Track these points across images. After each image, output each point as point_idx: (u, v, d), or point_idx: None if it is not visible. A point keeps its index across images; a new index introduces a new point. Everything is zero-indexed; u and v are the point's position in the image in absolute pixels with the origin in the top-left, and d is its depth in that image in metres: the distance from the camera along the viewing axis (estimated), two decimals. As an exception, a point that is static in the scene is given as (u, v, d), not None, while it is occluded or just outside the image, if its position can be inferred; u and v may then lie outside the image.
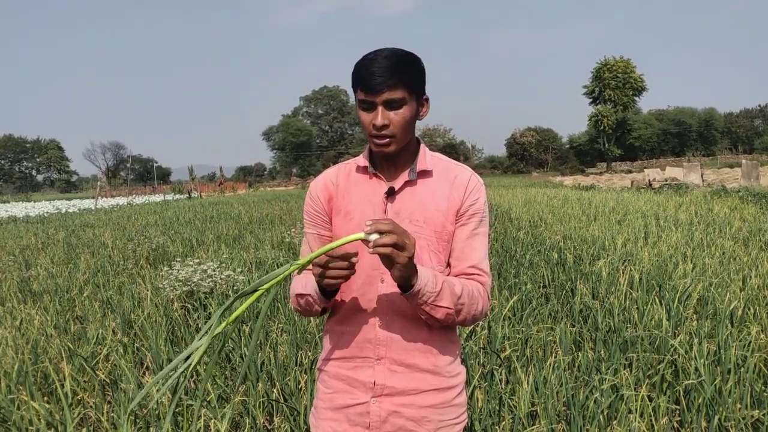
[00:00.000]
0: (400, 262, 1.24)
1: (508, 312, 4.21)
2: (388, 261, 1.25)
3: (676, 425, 2.81)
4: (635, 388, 2.98)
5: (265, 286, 1.28)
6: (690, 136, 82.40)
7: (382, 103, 1.34)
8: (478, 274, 1.43)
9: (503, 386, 3.10)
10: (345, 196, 1.47)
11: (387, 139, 1.37)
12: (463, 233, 1.44)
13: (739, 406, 2.74)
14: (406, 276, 1.27)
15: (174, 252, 8.29)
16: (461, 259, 1.43)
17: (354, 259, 1.28)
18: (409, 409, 1.41)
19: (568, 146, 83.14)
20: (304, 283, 1.42)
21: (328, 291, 1.37)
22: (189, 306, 4.84)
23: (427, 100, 1.44)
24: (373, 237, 1.24)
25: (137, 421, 2.88)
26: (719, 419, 2.67)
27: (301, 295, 1.43)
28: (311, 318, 4.02)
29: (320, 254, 1.27)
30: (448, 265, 1.45)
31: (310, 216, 1.51)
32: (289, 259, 7.35)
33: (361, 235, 1.25)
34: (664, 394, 2.96)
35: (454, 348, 1.48)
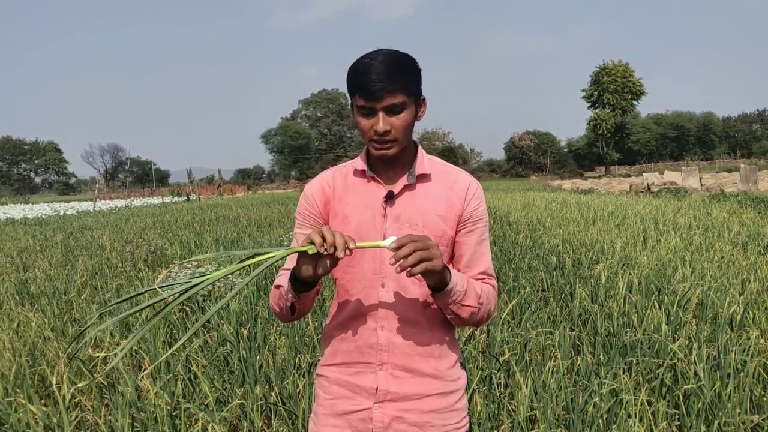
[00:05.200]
0: (437, 269, 1.25)
1: (507, 316, 4.20)
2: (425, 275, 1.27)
3: (675, 430, 2.80)
4: (634, 393, 2.97)
5: (259, 258, 1.27)
6: (688, 140, 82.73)
7: (382, 108, 1.33)
8: (488, 279, 1.46)
9: (502, 390, 3.09)
10: (342, 199, 1.46)
11: (389, 144, 1.37)
12: (471, 240, 1.45)
13: (738, 410, 2.73)
14: (441, 278, 1.30)
15: (172, 254, 8.28)
16: (471, 266, 1.45)
17: (351, 246, 1.23)
18: (412, 414, 1.41)
19: (566, 150, 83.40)
20: (284, 277, 1.41)
21: (300, 281, 1.32)
22: (187, 309, 4.83)
23: (424, 100, 1.43)
24: (390, 243, 1.26)
25: (134, 423, 2.87)
26: (719, 424, 2.66)
27: (277, 287, 1.43)
28: (309, 321, 4.01)
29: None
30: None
31: (303, 217, 1.50)
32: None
33: (386, 243, 1.26)
34: (664, 398, 2.96)
35: (455, 352, 1.48)
